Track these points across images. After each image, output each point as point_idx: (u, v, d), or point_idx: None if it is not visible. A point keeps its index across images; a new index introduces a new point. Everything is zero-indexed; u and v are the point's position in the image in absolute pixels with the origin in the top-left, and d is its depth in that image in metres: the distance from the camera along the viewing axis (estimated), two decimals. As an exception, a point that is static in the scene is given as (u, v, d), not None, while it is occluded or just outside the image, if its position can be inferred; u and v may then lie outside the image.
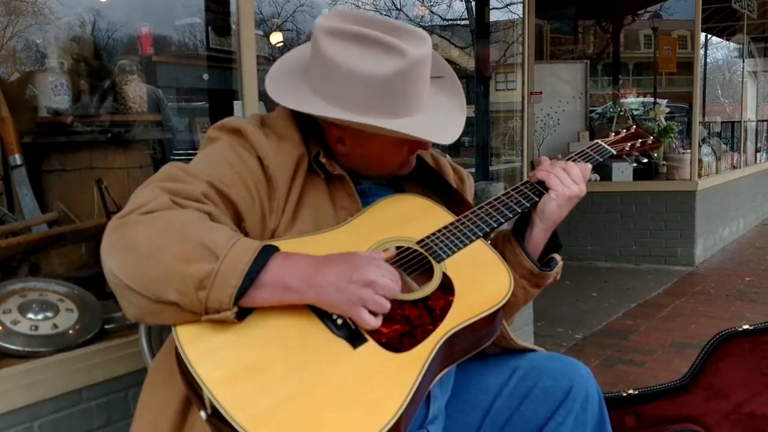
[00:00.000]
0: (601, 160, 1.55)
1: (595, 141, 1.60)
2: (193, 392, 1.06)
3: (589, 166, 1.47)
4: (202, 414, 1.03)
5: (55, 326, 1.79)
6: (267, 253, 1.09)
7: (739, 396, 1.94)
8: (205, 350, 1.05)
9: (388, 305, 1.11)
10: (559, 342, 3.96)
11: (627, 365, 3.56)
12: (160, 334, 1.47)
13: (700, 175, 6.31)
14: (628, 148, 1.62)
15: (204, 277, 1.03)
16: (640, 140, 1.64)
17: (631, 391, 2.03)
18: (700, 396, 1.97)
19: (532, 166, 1.47)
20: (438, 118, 1.34)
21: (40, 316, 1.79)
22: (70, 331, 1.80)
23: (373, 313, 1.11)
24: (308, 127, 1.37)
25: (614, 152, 1.58)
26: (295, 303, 1.10)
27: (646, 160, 1.69)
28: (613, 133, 1.66)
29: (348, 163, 1.38)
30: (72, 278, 2.06)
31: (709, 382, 1.96)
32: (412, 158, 1.43)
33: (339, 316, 1.12)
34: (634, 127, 1.70)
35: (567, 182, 1.39)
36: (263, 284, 1.07)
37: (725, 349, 1.95)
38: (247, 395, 1.01)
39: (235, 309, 1.05)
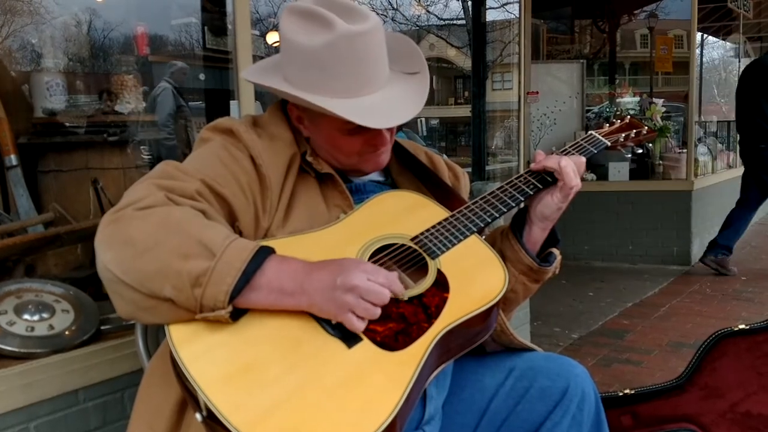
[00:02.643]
0: (596, 151, 1.53)
1: (590, 132, 1.58)
2: (188, 393, 1.06)
3: (584, 159, 1.45)
4: (198, 416, 1.03)
5: (51, 327, 1.79)
6: (263, 254, 1.09)
7: (735, 395, 1.94)
8: (199, 351, 1.05)
9: (376, 311, 1.11)
10: (555, 342, 3.97)
11: (623, 365, 3.56)
12: (156, 335, 1.46)
13: (696, 175, 6.31)
14: (622, 139, 1.60)
15: (200, 274, 1.03)
16: (634, 131, 1.63)
17: (627, 391, 2.03)
18: (696, 395, 1.97)
19: (528, 166, 1.46)
20: (384, 107, 1.29)
21: (36, 317, 1.79)
22: (67, 332, 1.80)
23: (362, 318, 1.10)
24: (294, 127, 1.38)
25: (608, 143, 1.57)
26: (288, 309, 1.10)
27: (640, 151, 1.68)
28: (608, 125, 1.65)
29: (319, 152, 1.37)
30: (68, 279, 2.06)
31: (705, 382, 1.97)
32: (374, 154, 1.37)
33: None
34: (629, 117, 1.68)
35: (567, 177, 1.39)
36: (258, 285, 1.07)
37: (721, 349, 1.96)
38: (242, 397, 1.00)
39: (230, 308, 1.05)
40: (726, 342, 1.95)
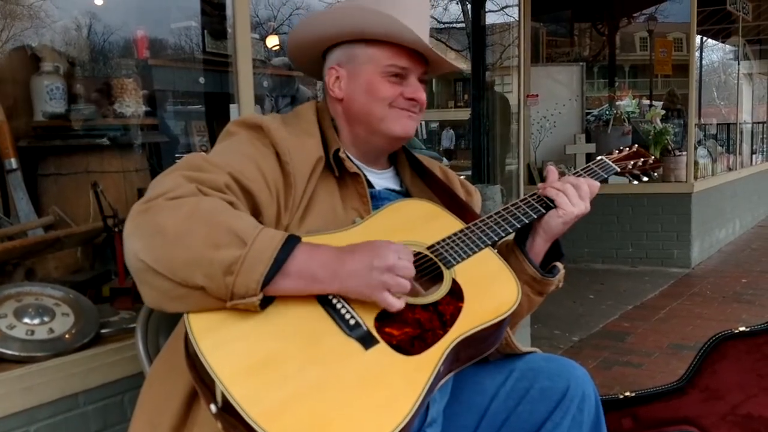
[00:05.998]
0: (606, 176, 1.59)
1: (600, 158, 1.64)
2: (203, 385, 1.06)
3: (598, 184, 1.51)
4: (212, 407, 1.03)
5: (51, 330, 1.78)
6: (293, 242, 1.10)
7: (735, 397, 1.94)
8: (219, 342, 1.06)
9: (408, 285, 1.14)
10: (555, 344, 3.97)
11: (624, 367, 3.56)
12: (156, 339, 1.46)
13: (696, 177, 6.32)
14: (630, 166, 1.66)
15: (232, 263, 1.05)
16: (642, 159, 1.68)
17: (627, 393, 2.03)
18: (696, 398, 1.97)
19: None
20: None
21: (36, 321, 1.79)
22: (66, 336, 1.80)
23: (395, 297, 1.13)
24: (327, 125, 1.40)
25: (618, 169, 1.63)
26: (319, 293, 1.12)
27: (646, 179, 1.72)
28: (617, 151, 1.70)
29: (352, 112, 1.41)
30: (68, 282, 2.06)
31: (706, 384, 1.96)
32: (406, 111, 1.42)
33: (352, 317, 1.13)
34: (636, 146, 1.73)
35: (575, 201, 1.43)
36: (289, 272, 1.09)
37: (722, 351, 1.96)
38: (260, 390, 1.01)
39: (261, 296, 1.06)
40: (726, 344, 1.95)
